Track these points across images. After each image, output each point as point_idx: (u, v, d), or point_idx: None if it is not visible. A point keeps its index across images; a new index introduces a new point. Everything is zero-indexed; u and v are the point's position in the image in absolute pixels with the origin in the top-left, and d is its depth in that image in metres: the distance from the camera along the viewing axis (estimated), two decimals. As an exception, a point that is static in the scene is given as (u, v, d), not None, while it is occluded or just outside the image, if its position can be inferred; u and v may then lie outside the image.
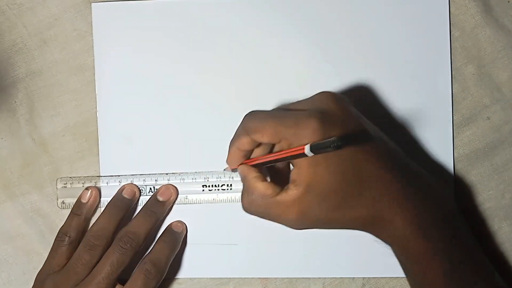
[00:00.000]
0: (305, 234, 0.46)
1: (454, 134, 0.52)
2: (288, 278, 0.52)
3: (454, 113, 0.52)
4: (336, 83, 0.52)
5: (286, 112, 0.43)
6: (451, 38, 0.52)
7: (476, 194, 0.52)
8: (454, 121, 0.52)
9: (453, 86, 0.52)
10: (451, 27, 0.52)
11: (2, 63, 0.53)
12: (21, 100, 0.53)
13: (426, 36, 0.52)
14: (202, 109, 0.52)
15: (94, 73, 0.53)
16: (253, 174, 0.44)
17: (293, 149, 0.40)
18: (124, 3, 0.53)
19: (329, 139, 0.36)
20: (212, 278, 0.52)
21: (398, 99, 0.52)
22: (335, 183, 0.42)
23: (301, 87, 0.52)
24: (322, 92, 0.43)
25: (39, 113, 0.53)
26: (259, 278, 0.52)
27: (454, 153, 0.52)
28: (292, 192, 0.42)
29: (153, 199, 0.51)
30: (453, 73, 0.52)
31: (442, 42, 0.52)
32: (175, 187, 0.52)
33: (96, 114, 0.53)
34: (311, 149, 0.38)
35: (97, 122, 0.53)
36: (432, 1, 0.52)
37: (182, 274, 0.52)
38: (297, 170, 0.42)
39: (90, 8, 0.53)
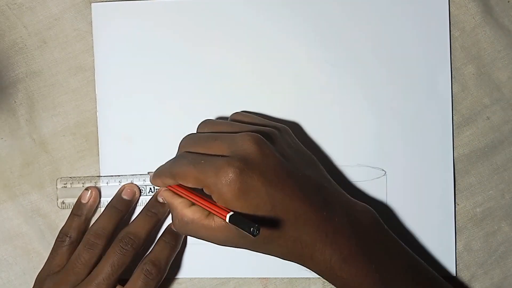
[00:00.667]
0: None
1: (454, 134, 0.52)
2: (288, 278, 0.52)
3: (454, 113, 0.52)
4: (336, 83, 0.52)
5: (208, 159, 0.43)
6: (451, 38, 0.52)
7: (476, 194, 0.53)
8: (454, 121, 0.52)
9: (453, 86, 0.52)
10: (451, 27, 0.52)
11: (2, 63, 0.53)
12: (21, 100, 0.53)
13: (426, 36, 0.52)
14: (202, 109, 0.52)
15: (94, 73, 0.53)
16: (178, 199, 0.46)
17: (217, 209, 0.42)
18: (124, 3, 0.53)
19: (248, 224, 0.39)
20: (212, 278, 0.52)
21: (398, 99, 0.52)
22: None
23: (301, 87, 0.52)
24: (245, 135, 0.44)
25: (39, 113, 0.53)
26: (259, 278, 0.52)
27: (454, 153, 0.52)
28: (218, 221, 0.44)
29: (154, 200, 0.51)
30: (453, 73, 0.52)
31: (442, 42, 0.52)
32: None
33: (96, 114, 0.53)
34: (230, 220, 0.40)
35: (97, 122, 0.53)
36: (432, 1, 0.52)
37: (182, 274, 0.52)
38: (222, 202, 0.43)
39: (90, 8, 0.53)
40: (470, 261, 0.52)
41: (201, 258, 0.52)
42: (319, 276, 0.51)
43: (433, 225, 0.52)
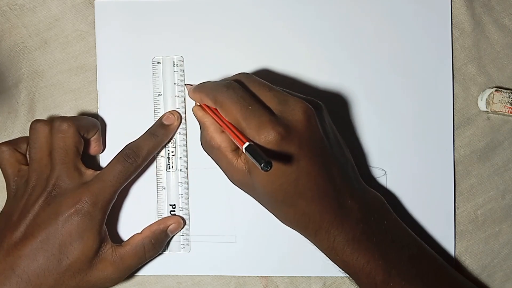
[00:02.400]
0: (305, 234, 0.47)
1: (455, 134, 0.52)
2: (288, 277, 0.52)
3: (454, 113, 0.52)
4: (337, 83, 0.52)
5: (256, 109, 0.43)
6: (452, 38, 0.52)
7: (476, 195, 0.52)
8: (454, 121, 0.52)
9: (453, 86, 0.52)
10: (452, 28, 0.52)
11: (4, 64, 0.53)
12: (23, 100, 0.53)
13: (428, 37, 0.52)
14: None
15: (95, 73, 0.53)
16: (210, 120, 0.47)
17: (239, 136, 0.42)
18: (127, 1, 0.52)
19: (261, 157, 0.39)
20: (213, 275, 0.53)
21: (399, 99, 0.52)
22: (269, 187, 0.44)
23: (301, 86, 0.52)
24: (299, 101, 0.44)
25: (41, 113, 0.53)
26: (260, 276, 0.52)
27: (455, 153, 0.52)
28: (239, 163, 0.45)
29: (157, 123, 0.51)
30: (453, 73, 0.52)
31: (443, 42, 0.52)
32: (179, 113, 0.52)
33: (96, 114, 0.53)
34: (246, 149, 0.41)
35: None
36: (433, 2, 0.52)
37: (183, 271, 0.53)
38: None
39: (91, 8, 0.53)
40: (472, 264, 0.52)
41: (202, 256, 0.52)
42: (321, 275, 0.51)
43: (433, 225, 0.52)
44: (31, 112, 0.53)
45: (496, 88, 0.51)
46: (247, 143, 0.41)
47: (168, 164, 0.52)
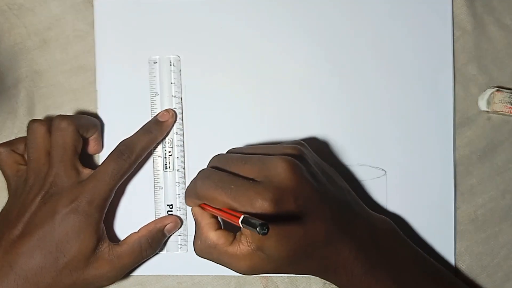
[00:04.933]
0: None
1: (455, 134, 0.52)
2: (288, 277, 0.52)
3: (455, 113, 0.52)
4: (337, 83, 0.52)
5: (239, 186, 0.43)
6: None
7: (476, 195, 0.52)
8: (455, 121, 0.52)
9: (454, 86, 0.52)
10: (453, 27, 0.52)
11: (3, 64, 0.53)
12: (22, 100, 0.53)
13: (428, 36, 0.52)
14: (202, 109, 0.52)
15: (94, 73, 0.53)
16: (206, 220, 0.46)
17: (232, 213, 0.42)
18: (126, 1, 0.52)
19: (256, 222, 0.38)
20: (213, 275, 0.53)
21: (400, 99, 0.52)
22: (285, 251, 0.43)
23: (301, 87, 0.52)
24: (278, 159, 0.43)
25: (41, 113, 0.53)
26: (259, 276, 0.52)
27: (455, 153, 0.52)
28: (243, 248, 0.44)
29: (152, 120, 0.51)
30: (454, 73, 0.52)
31: (444, 42, 0.52)
32: (174, 111, 0.52)
33: (96, 114, 0.53)
34: (242, 221, 0.40)
35: (97, 122, 0.53)
36: (435, 2, 0.52)
37: (183, 271, 0.53)
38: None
39: (91, 8, 0.53)
40: (472, 264, 0.52)
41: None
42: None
43: (433, 225, 0.52)
44: (31, 112, 0.53)
45: (496, 88, 0.51)
46: (242, 216, 0.40)
47: (165, 164, 0.52)
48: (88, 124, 0.50)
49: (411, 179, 0.52)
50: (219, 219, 0.47)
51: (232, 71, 0.52)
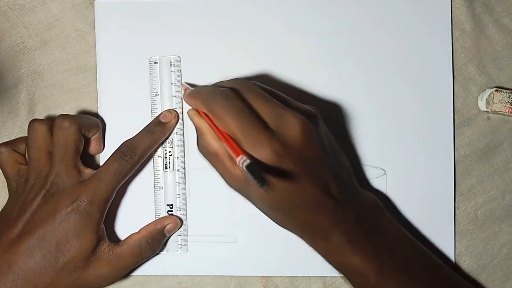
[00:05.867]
0: (305, 234, 0.47)
1: (455, 134, 0.52)
2: (288, 276, 0.52)
3: (454, 113, 0.52)
4: (337, 82, 0.52)
5: (252, 123, 0.43)
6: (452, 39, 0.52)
7: (476, 195, 0.52)
8: (454, 121, 0.52)
9: (454, 86, 0.52)
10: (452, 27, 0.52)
11: (4, 64, 0.53)
12: (23, 100, 0.53)
13: (428, 37, 0.52)
14: (202, 109, 0.52)
15: (94, 73, 0.53)
16: (206, 125, 0.46)
17: (235, 148, 0.42)
18: (127, 1, 0.53)
19: (259, 174, 0.38)
20: (213, 275, 0.53)
21: (400, 99, 0.52)
22: (268, 201, 0.44)
23: (301, 86, 0.52)
24: (295, 116, 0.43)
25: (41, 113, 0.53)
26: (260, 276, 0.52)
27: (455, 153, 0.52)
28: (238, 173, 0.45)
29: (154, 121, 0.51)
30: (453, 73, 0.52)
31: (443, 42, 0.52)
32: (176, 112, 0.52)
33: (96, 114, 0.53)
34: (246, 166, 0.39)
35: (97, 122, 0.53)
36: (434, 2, 0.52)
37: (183, 271, 0.53)
38: None
39: (91, 8, 0.53)
40: (472, 264, 0.52)
41: (202, 256, 0.52)
42: (321, 275, 0.51)
43: (433, 225, 0.52)
44: (31, 112, 0.53)
45: (496, 88, 0.51)
46: (243, 158, 0.40)
47: (165, 164, 0.52)
48: (90, 123, 0.50)
49: (411, 179, 0.52)
50: None
51: (232, 71, 0.52)
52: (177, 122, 0.52)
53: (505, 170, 0.52)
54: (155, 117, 0.52)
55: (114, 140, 0.52)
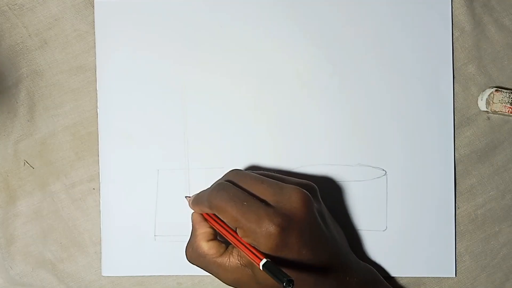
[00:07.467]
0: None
1: (455, 134, 0.52)
2: (288, 277, 0.52)
3: (454, 113, 0.52)
4: (337, 83, 0.52)
5: (251, 204, 0.43)
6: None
7: (476, 195, 0.52)
8: (454, 121, 0.52)
9: (454, 86, 0.52)
10: (452, 27, 0.52)
11: (4, 64, 0.53)
12: (23, 100, 0.53)
13: (428, 37, 0.52)
14: (203, 109, 0.52)
15: (94, 73, 0.53)
16: (202, 229, 0.47)
17: (252, 251, 0.42)
18: (127, 1, 0.53)
19: (283, 276, 0.38)
20: (213, 277, 0.52)
21: (400, 99, 0.52)
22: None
23: (301, 87, 0.52)
24: (294, 189, 0.44)
25: (40, 113, 0.53)
26: (260, 277, 0.52)
27: (455, 153, 0.52)
28: (233, 261, 0.45)
29: None
30: (454, 73, 0.52)
31: (443, 42, 0.52)
32: None
33: (96, 114, 0.53)
34: (264, 266, 0.40)
35: (97, 122, 0.53)
36: (434, 2, 0.52)
37: (183, 272, 0.53)
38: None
39: (91, 8, 0.53)
40: (472, 265, 0.52)
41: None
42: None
43: (433, 225, 0.52)
44: (31, 112, 0.53)
45: (496, 88, 0.51)
46: (264, 260, 0.40)
47: (166, 163, 0.52)
48: None
49: (411, 179, 0.52)
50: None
51: (233, 71, 0.52)
52: None
53: (505, 170, 0.52)
54: (155, 117, 0.52)
55: (113, 139, 0.52)
